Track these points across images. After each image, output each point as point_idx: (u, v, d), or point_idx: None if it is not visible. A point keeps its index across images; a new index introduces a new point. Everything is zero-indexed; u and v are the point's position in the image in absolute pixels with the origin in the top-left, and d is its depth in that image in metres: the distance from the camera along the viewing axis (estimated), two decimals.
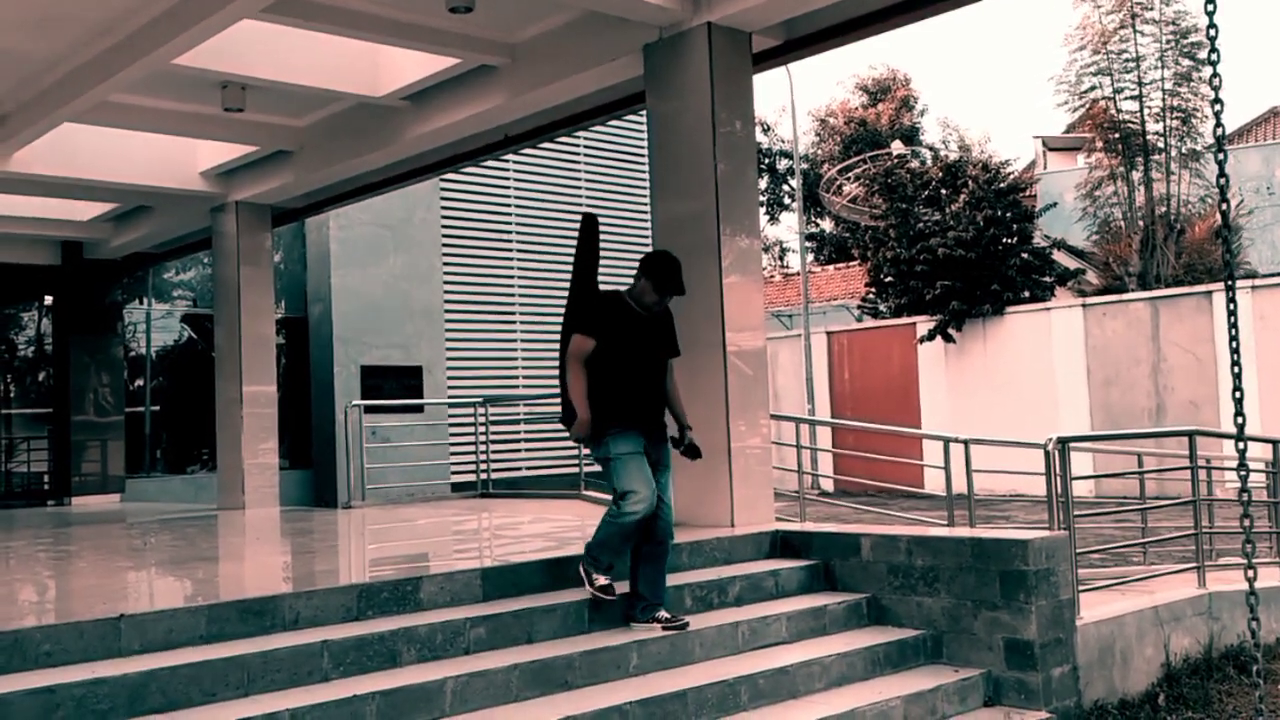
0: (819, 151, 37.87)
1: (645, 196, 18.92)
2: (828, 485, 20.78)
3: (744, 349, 7.46)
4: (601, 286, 5.87)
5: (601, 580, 5.50)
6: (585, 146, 20.17)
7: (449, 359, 18.16)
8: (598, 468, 5.88)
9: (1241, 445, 6.03)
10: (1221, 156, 6.06)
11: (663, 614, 5.55)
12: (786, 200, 39.73)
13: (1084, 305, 21.55)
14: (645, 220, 18.67)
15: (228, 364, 12.54)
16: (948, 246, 22.56)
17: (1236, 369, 6.01)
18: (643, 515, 5.43)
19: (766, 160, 39.41)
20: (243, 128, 10.74)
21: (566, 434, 5.85)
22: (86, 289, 15.45)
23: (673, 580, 6.19)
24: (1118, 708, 6.08)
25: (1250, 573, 6.00)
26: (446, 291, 18.30)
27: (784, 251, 42.10)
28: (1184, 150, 23.44)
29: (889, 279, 24.60)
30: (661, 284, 5.60)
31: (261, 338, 12.59)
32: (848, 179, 30.49)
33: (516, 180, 19.28)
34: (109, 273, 15.60)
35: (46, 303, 16.24)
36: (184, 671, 4.37)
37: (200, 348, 16.80)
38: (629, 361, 5.61)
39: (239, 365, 12.35)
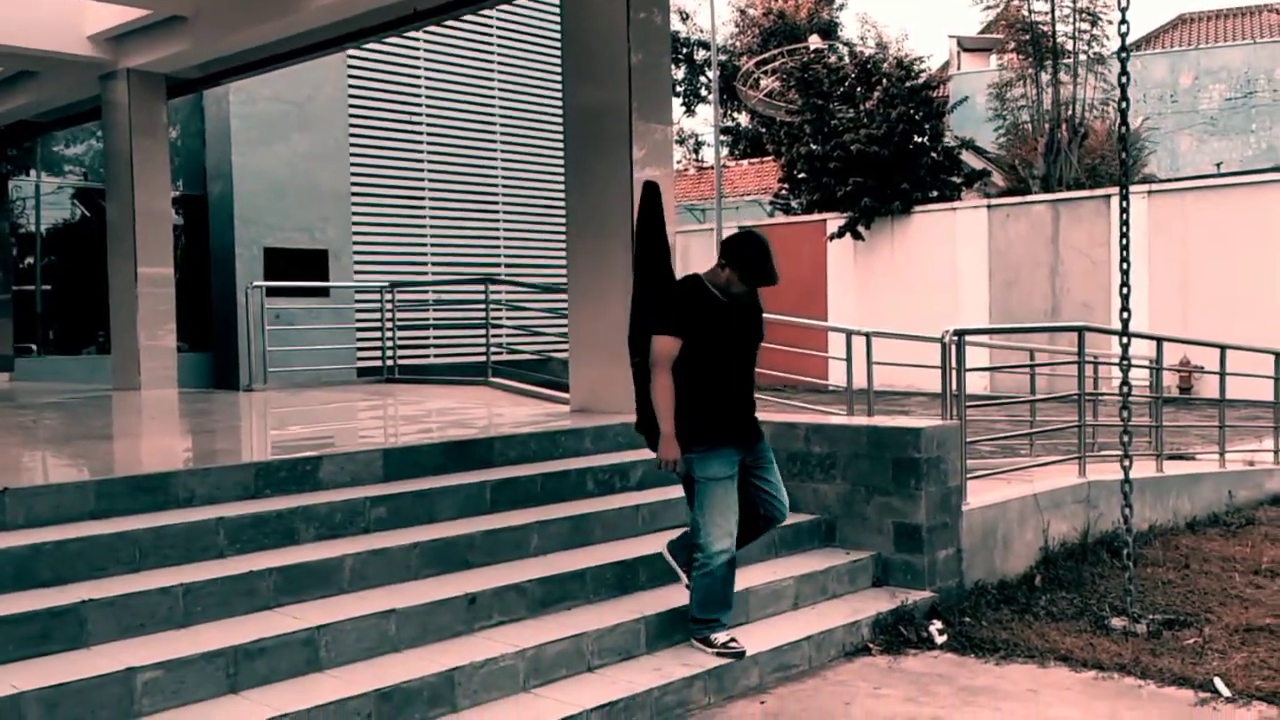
0: (737, 44, 37.39)
1: (559, 83, 18.51)
2: None
3: None
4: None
5: (722, 638, 4.91)
6: (498, 26, 19.59)
7: (355, 243, 17.74)
8: (505, 355, 5.78)
9: (1125, 340, 6.29)
10: (1124, 54, 6.16)
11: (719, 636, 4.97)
12: (703, 92, 39.29)
13: (989, 207, 21.92)
14: (559, 108, 18.32)
15: (122, 242, 12.08)
16: (861, 144, 22.64)
17: (1125, 265, 6.22)
18: (732, 552, 4.91)
19: (684, 50, 38.80)
20: None
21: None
22: None
23: (576, 464, 6.28)
24: (997, 588, 6.38)
25: (1126, 462, 6.32)
26: (353, 173, 17.77)
27: (699, 145, 41.78)
28: (1090, 53, 23.69)
29: (802, 175, 24.64)
30: (750, 274, 4.95)
31: (157, 215, 12.12)
32: (765, 73, 30.23)
33: (427, 61, 18.68)
34: None
35: None
36: (71, 546, 4.31)
37: (94, 225, 16.13)
38: (719, 362, 4.93)
39: (133, 243, 11.89)
